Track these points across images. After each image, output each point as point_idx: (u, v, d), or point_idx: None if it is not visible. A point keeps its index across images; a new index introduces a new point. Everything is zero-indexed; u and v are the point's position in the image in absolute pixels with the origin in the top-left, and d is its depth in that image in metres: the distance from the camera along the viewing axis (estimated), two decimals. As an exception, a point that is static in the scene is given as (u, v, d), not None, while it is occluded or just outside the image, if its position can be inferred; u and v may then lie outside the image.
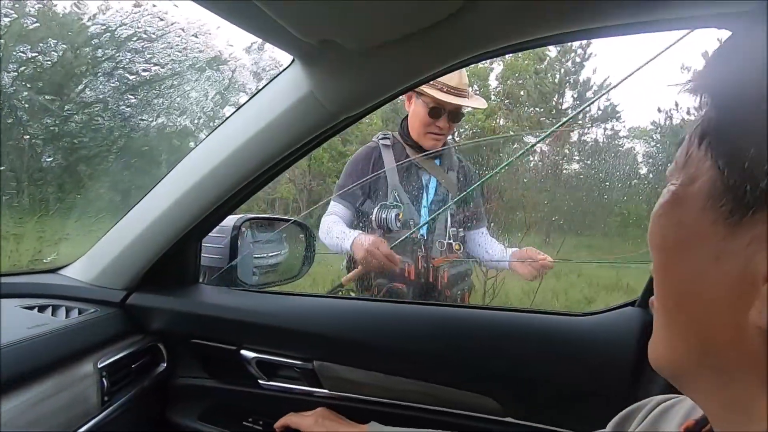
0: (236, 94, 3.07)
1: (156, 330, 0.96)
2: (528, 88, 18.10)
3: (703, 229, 0.25)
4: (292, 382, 0.97)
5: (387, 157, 1.59)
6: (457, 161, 1.66)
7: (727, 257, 0.24)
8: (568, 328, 0.86)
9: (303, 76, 0.70)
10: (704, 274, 0.25)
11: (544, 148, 16.74)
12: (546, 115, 17.15)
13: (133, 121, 1.18)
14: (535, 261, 1.45)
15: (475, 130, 20.31)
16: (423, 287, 1.56)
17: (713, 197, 0.24)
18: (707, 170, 0.25)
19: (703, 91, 0.25)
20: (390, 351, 0.90)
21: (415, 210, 1.56)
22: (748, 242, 0.23)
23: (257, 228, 1.39)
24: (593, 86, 16.70)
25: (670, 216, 0.27)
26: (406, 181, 1.58)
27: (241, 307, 0.96)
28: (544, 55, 18.34)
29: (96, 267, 0.95)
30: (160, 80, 1.15)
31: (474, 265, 1.73)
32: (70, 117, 1.06)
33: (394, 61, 0.63)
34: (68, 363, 0.75)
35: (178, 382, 1.00)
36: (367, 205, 1.57)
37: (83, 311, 0.88)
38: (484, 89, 24.17)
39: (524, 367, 0.84)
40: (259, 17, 0.55)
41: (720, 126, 0.24)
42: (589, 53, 16.88)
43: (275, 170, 0.85)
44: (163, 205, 0.87)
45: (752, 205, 0.22)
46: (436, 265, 1.55)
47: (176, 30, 0.99)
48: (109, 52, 1.10)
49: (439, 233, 1.57)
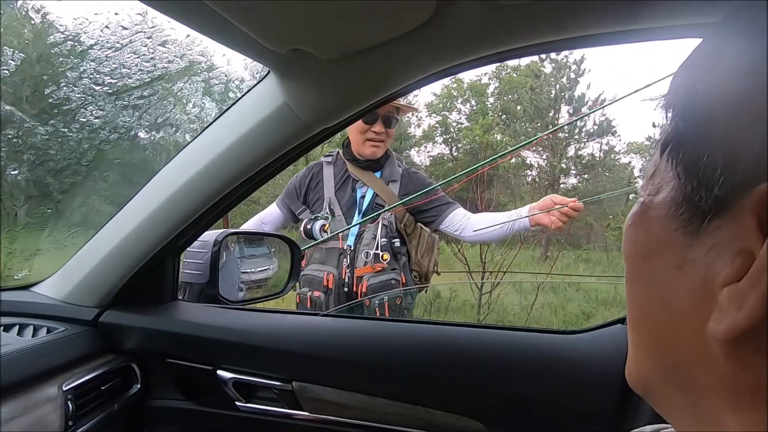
0: (212, 103, 3.08)
1: (129, 349, 0.93)
2: (524, 104, 18.31)
3: (666, 238, 0.25)
4: (271, 404, 0.93)
5: (327, 172, 1.71)
6: (400, 171, 1.72)
7: (689, 266, 0.23)
8: (558, 347, 0.83)
9: (277, 87, 0.68)
10: (667, 284, 0.25)
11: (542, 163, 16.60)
12: (543, 130, 17.30)
13: (102, 133, 1.16)
14: (561, 207, 1.39)
15: (473, 144, 20.48)
16: (342, 296, 1.62)
17: (675, 205, 0.24)
18: (670, 180, 0.25)
19: (669, 105, 0.26)
20: (373, 371, 0.86)
21: (347, 221, 1.64)
22: (707, 250, 0.22)
23: (241, 243, 1.37)
24: (588, 101, 16.90)
25: (638, 226, 0.27)
26: (340, 194, 1.68)
27: (218, 324, 0.93)
28: (539, 71, 18.61)
29: (68, 283, 0.92)
30: (128, 90, 1.14)
31: (470, 280, 1.74)
32: (34, 129, 1.05)
33: (368, 71, 0.61)
34: (29, 385, 0.72)
35: (152, 404, 0.96)
36: (305, 214, 1.68)
37: (52, 330, 0.85)
38: (481, 105, 24.47)
39: (512, 387, 0.81)
40: (228, 27, 0.54)
41: (678, 134, 0.25)
42: (583, 68, 17.14)
43: (253, 183, 0.82)
44: (137, 220, 0.84)
45: (708, 213, 0.22)
46: (357, 274, 1.60)
47: (141, 39, 0.98)
48: (71, 60, 1.09)
49: (367, 243, 1.62)
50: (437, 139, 24.40)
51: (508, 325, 0.91)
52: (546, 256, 9.69)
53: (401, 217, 1.67)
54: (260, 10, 0.49)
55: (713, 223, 0.22)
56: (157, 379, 0.95)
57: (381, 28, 0.54)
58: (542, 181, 16.67)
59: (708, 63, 0.25)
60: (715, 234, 0.22)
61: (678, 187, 0.24)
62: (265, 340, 0.90)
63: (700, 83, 0.24)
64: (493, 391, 0.82)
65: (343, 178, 1.70)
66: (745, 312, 0.20)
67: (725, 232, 0.21)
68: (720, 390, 0.23)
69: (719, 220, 0.22)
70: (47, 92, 1.03)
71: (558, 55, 17.47)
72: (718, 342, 0.22)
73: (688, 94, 0.25)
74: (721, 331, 0.21)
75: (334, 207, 1.66)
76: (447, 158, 22.76)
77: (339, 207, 1.66)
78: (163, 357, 0.93)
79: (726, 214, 0.21)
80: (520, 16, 0.51)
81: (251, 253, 1.45)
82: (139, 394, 0.93)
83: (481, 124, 20.02)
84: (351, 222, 1.64)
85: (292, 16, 0.50)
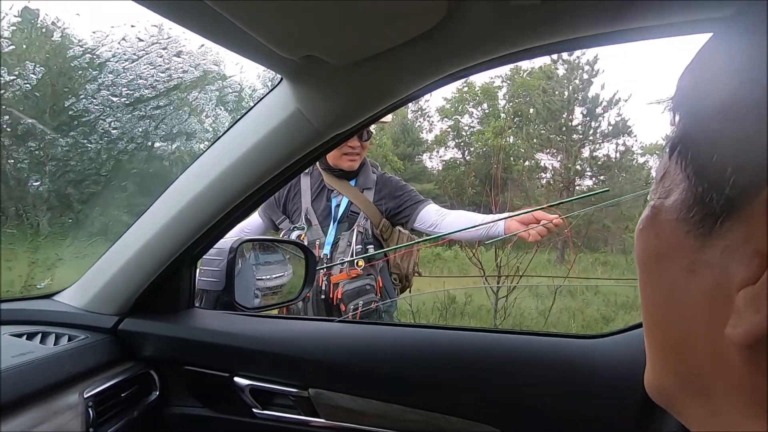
0: (226, 112, 3.14)
1: (148, 357, 0.94)
2: (537, 106, 18.15)
3: (678, 241, 0.24)
4: (287, 411, 0.92)
5: (304, 183, 1.75)
6: (374, 178, 1.76)
7: (702, 269, 0.23)
8: (577, 352, 0.81)
9: (290, 94, 0.68)
10: (680, 288, 0.24)
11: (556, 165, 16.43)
12: (556, 132, 17.13)
13: (120, 144, 1.20)
14: (544, 222, 1.39)
15: (485, 148, 20.38)
16: (319, 303, 1.66)
17: (685, 208, 0.24)
18: (680, 182, 0.24)
19: (676, 106, 0.26)
20: (389, 377, 0.85)
21: (324, 230, 1.69)
22: (720, 252, 0.22)
23: (257, 250, 1.38)
24: (602, 102, 16.67)
25: (649, 230, 0.27)
26: (316, 204, 1.73)
27: (235, 331, 0.93)
28: (552, 72, 18.45)
29: (89, 292, 0.94)
30: (145, 101, 1.17)
31: (485, 284, 1.76)
32: (55, 140, 1.08)
33: (379, 76, 0.61)
34: (52, 393, 0.73)
35: (170, 411, 0.97)
36: (284, 224, 1.74)
37: (73, 338, 0.86)
38: (493, 108, 24.36)
39: (529, 394, 0.79)
40: (241, 36, 0.54)
41: (687, 135, 0.24)
42: (597, 69, 16.93)
43: (267, 190, 0.83)
44: (154, 229, 0.85)
45: (720, 214, 0.21)
46: (333, 281, 1.63)
47: (157, 50, 1.01)
48: (90, 73, 1.12)
49: (342, 251, 1.66)
50: (449, 144, 24.35)
51: (525, 329, 0.89)
52: (563, 259, 9.55)
53: (377, 222, 1.70)
54: (272, 18, 0.49)
55: (725, 224, 0.21)
56: (175, 386, 0.96)
57: (392, 32, 0.54)
58: (557, 183, 16.47)
59: (714, 62, 0.24)
60: (728, 235, 0.21)
61: (688, 189, 0.24)
62: (281, 346, 0.90)
63: (706, 83, 0.24)
64: (509, 397, 0.80)
65: (318, 188, 1.75)
66: (764, 315, 0.19)
67: (738, 233, 0.21)
68: (739, 398, 0.22)
69: (731, 222, 0.21)
70: (67, 105, 1.06)
71: (570, 56, 17.32)
72: (736, 347, 0.21)
73: (695, 95, 0.25)
74: (738, 336, 0.21)
75: (310, 217, 1.71)
76: (459, 162, 22.69)
77: (315, 217, 1.71)
78: (181, 364, 0.94)
79: (738, 215, 0.21)
80: (531, 16, 0.50)
81: (266, 260, 1.46)
82: (158, 401, 0.94)
83: (493, 127, 19.94)
84: (327, 231, 1.69)
85: (303, 23, 0.51)
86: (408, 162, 22.89)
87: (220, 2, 0.46)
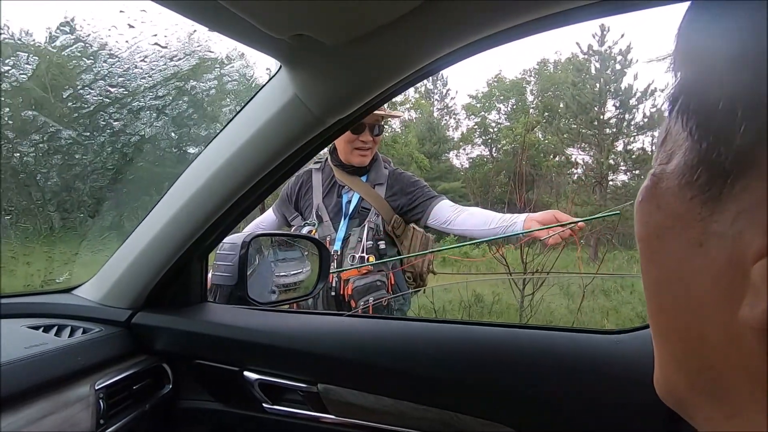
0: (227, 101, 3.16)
1: (161, 350, 0.94)
2: (566, 100, 17.63)
3: (682, 210, 0.21)
4: (297, 406, 0.91)
5: (315, 179, 1.75)
6: (386, 173, 1.73)
7: (712, 241, 0.19)
8: (599, 348, 0.76)
9: (287, 80, 0.67)
10: (688, 265, 0.20)
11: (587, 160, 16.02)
12: (587, 126, 16.60)
13: (123, 136, 1.21)
14: (561, 225, 1.34)
15: (514, 144, 19.99)
16: (330, 299, 1.65)
17: (689, 170, 0.20)
18: (683, 142, 0.21)
19: (676, 59, 0.22)
20: (400, 374, 0.82)
21: (335, 226, 1.68)
22: (732, 219, 0.18)
23: (271, 245, 1.38)
24: (636, 93, 16.02)
25: (649, 201, 0.24)
26: (328, 200, 1.72)
27: (245, 326, 0.93)
28: (581, 65, 17.89)
29: (104, 286, 0.96)
30: (142, 92, 1.17)
31: (510, 282, 1.72)
32: (57, 132, 1.10)
33: (376, 56, 0.58)
34: (63, 384, 0.74)
35: (181, 404, 0.97)
36: (297, 220, 1.74)
37: (88, 331, 0.88)
38: (521, 103, 23.87)
39: (547, 391, 0.74)
40: (232, 18, 0.53)
41: (686, 85, 0.21)
42: (630, 59, 16.29)
43: (271, 180, 0.82)
44: (162, 223, 0.86)
45: (729, 172, 0.18)
46: (344, 278, 1.62)
47: (149, 38, 1.02)
48: (85, 63, 1.14)
49: (353, 247, 1.63)
50: (476, 140, 24.01)
51: (542, 324, 0.84)
52: (596, 256, 9.22)
53: (389, 219, 1.67)
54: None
55: (738, 184, 0.18)
56: (186, 379, 0.97)
57: (383, 6, 0.51)
58: (588, 179, 15.94)
59: (709, 11, 0.21)
60: (742, 197, 0.17)
61: (692, 148, 0.20)
62: (291, 341, 0.88)
63: (706, 24, 0.21)
64: (526, 395, 0.76)
65: (330, 184, 1.74)
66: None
67: (754, 193, 0.17)
68: (760, 395, 0.18)
69: (745, 180, 0.17)
70: (65, 96, 1.08)
71: (602, 47, 16.74)
72: (753, 333, 0.17)
73: (694, 38, 0.21)
74: (756, 318, 0.17)
75: (321, 213, 1.70)
76: (486, 159, 22.34)
77: (326, 213, 1.70)
78: (192, 358, 0.94)
79: (753, 171, 0.17)
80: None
81: (285, 256, 1.46)
82: (170, 395, 0.94)
83: (523, 123, 19.52)
84: (338, 227, 1.68)
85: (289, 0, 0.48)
86: (434, 160, 22.74)
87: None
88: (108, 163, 1.19)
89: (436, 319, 1.01)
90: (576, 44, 17.33)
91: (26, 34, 1.47)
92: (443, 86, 29.87)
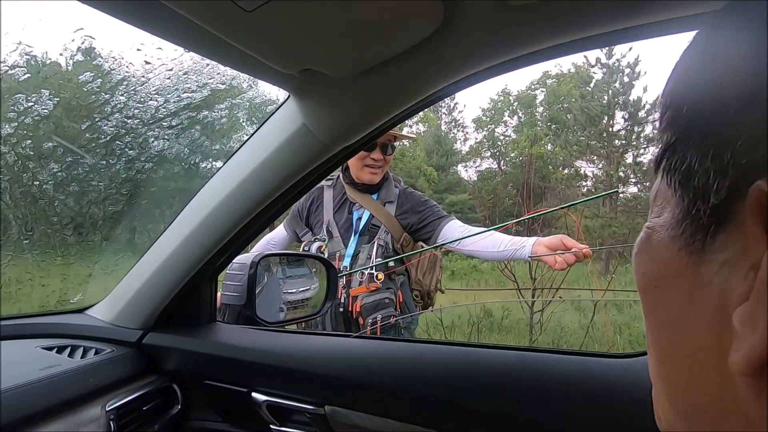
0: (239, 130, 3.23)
1: (170, 370, 0.95)
2: (575, 112, 17.62)
3: (673, 262, 0.22)
4: (304, 428, 0.91)
5: (327, 196, 1.77)
6: (396, 192, 1.75)
7: (700, 291, 0.20)
8: (607, 372, 0.75)
9: (296, 109, 0.69)
10: (681, 314, 0.22)
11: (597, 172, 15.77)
12: (596, 138, 16.54)
13: (137, 164, 1.25)
14: (570, 250, 1.34)
15: (522, 157, 19.95)
16: (338, 316, 1.65)
17: (675, 223, 0.22)
18: (671, 197, 0.22)
19: (662, 116, 0.24)
20: (408, 396, 0.82)
21: (345, 242, 1.69)
22: (717, 268, 0.19)
23: (279, 262, 1.39)
24: (645, 105, 15.96)
25: (644, 253, 0.25)
26: (338, 216, 1.73)
27: (253, 347, 0.93)
28: (589, 77, 17.91)
29: (116, 306, 0.97)
30: (157, 122, 1.22)
31: (519, 296, 1.72)
32: (75, 162, 1.15)
33: (381, 87, 0.60)
34: (75, 406, 0.75)
35: (190, 425, 0.98)
36: (307, 236, 1.75)
37: (100, 351, 0.89)
38: (529, 116, 23.89)
39: (555, 416, 0.74)
40: (241, 54, 0.55)
41: (673, 143, 0.22)
42: (638, 71, 16.27)
43: (280, 205, 0.83)
44: (174, 245, 0.88)
45: (709, 226, 0.19)
46: (352, 294, 1.63)
47: (164, 71, 1.05)
48: (103, 96, 1.18)
49: (362, 263, 1.64)
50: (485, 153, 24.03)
51: (552, 347, 0.84)
52: (608, 270, 9.09)
53: (398, 236, 1.69)
54: (266, 35, 0.49)
55: (718, 237, 0.19)
56: (196, 400, 0.97)
57: (390, 42, 0.53)
58: (598, 191, 15.83)
59: (692, 63, 0.23)
60: (723, 248, 0.19)
61: (677, 204, 0.22)
62: (298, 362, 0.89)
63: (685, 84, 0.22)
64: (535, 420, 0.75)
65: (341, 201, 1.76)
66: (761, 334, 0.16)
67: (734, 245, 0.18)
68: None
69: (724, 233, 0.18)
70: (83, 127, 1.12)
71: (609, 60, 16.77)
72: (743, 379, 0.18)
73: (676, 99, 0.23)
74: (740, 362, 0.17)
75: (332, 229, 1.72)
76: (495, 172, 22.32)
77: (336, 229, 1.71)
78: (201, 378, 0.95)
79: (729, 225, 0.18)
80: (530, 17, 0.48)
81: (292, 273, 1.48)
82: (179, 415, 0.95)
83: (527, 135, 19.52)
84: (348, 243, 1.69)
85: (298, 37, 0.50)
86: (442, 173, 22.78)
87: (213, 23, 0.47)
88: (123, 189, 1.23)
89: (445, 341, 1.01)
90: (584, 57, 17.42)
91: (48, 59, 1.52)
92: (450, 99, 30.17)
